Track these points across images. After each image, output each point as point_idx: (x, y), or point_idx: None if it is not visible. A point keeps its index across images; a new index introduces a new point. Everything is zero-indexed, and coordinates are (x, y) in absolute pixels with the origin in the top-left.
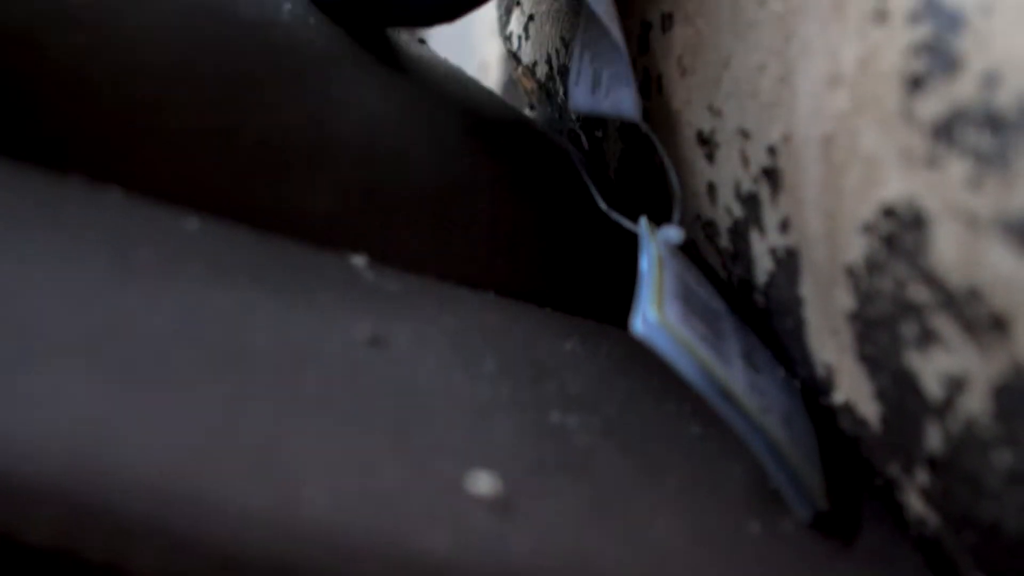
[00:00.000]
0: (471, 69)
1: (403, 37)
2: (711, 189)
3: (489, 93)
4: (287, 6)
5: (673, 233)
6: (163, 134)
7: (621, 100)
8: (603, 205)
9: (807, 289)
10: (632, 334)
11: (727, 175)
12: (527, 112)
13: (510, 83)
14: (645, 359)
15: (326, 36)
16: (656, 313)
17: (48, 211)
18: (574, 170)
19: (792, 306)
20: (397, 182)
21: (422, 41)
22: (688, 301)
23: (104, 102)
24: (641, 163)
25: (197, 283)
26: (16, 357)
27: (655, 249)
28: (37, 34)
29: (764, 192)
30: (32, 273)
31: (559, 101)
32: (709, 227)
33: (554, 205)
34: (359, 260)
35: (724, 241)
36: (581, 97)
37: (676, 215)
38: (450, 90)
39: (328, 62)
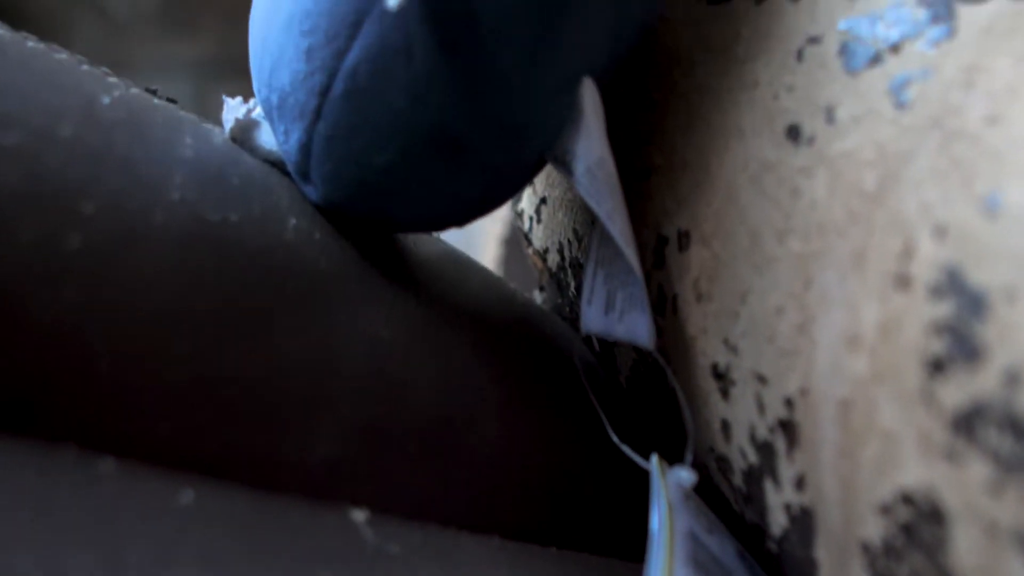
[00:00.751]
0: None
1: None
2: (725, 427)
3: (498, 288)
4: (292, 221)
5: (685, 476)
6: (158, 391)
7: (635, 326)
8: (615, 438)
9: (822, 554)
10: None
11: (742, 416)
12: (536, 293)
13: (517, 228)
14: None
15: (330, 252)
16: None
17: (35, 498)
18: (583, 389)
19: (806, 567)
20: (398, 418)
21: None
22: (698, 562)
23: (97, 363)
24: (654, 379)
25: None
26: None
27: (666, 498)
28: (25, 292)
29: (780, 444)
30: None
31: (570, 295)
32: (723, 462)
33: (562, 432)
34: (359, 515)
35: (738, 481)
36: (594, 318)
37: (689, 455)
38: (457, 300)
39: (332, 283)
